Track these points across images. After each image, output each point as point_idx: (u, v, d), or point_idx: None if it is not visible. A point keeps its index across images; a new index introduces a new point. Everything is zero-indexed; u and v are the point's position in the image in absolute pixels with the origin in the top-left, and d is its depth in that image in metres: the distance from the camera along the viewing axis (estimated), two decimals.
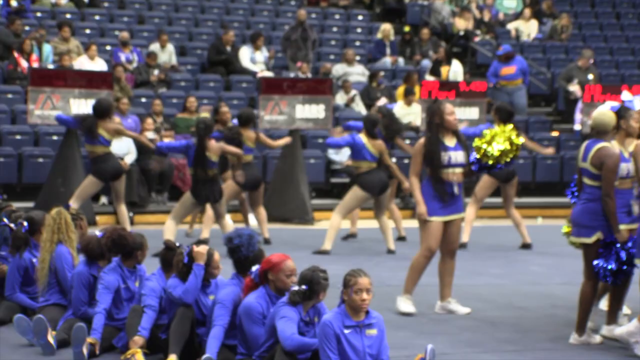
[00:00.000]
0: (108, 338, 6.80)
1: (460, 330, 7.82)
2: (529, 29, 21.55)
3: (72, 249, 7.44)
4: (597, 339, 7.38)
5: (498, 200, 17.08)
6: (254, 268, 6.38)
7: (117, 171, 11.59)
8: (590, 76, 18.00)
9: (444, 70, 18.55)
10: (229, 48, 17.92)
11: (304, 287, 6.04)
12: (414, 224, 14.27)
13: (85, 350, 6.54)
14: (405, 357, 6.50)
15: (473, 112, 15.15)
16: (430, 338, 7.18)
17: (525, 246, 12.18)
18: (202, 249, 6.64)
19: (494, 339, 7.53)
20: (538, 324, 7.99)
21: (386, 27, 19.62)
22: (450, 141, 8.12)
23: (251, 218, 13.91)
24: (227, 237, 6.64)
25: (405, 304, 8.23)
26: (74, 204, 11.28)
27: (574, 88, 18.02)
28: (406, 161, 16.30)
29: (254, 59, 17.95)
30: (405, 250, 11.99)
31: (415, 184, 8.14)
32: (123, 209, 11.75)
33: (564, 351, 7.24)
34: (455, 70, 18.69)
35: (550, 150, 12.98)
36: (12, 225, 7.82)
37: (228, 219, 12.48)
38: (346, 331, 5.84)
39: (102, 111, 11.48)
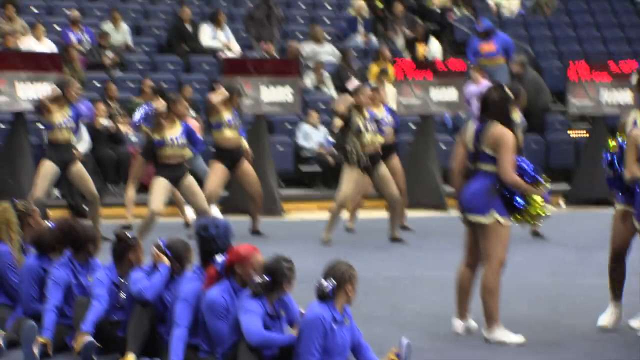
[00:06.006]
0: (60, 337, 6.81)
1: (438, 325, 7.91)
2: (510, 3, 21.70)
3: (14, 249, 7.37)
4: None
5: None
6: (219, 259, 6.41)
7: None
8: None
9: (420, 48, 18.64)
10: (189, 27, 17.91)
11: (266, 277, 6.11)
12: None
13: (36, 351, 6.56)
14: (379, 353, 6.58)
15: (451, 94, 15.26)
16: (406, 333, 7.26)
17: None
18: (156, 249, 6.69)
19: (473, 334, 7.62)
20: (521, 319, 8.08)
21: (359, 3, 19.68)
22: None
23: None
24: (202, 225, 6.64)
25: (511, 335, 7.48)
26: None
27: None
28: None
29: (215, 38, 17.94)
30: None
31: None
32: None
33: (547, 346, 7.36)
34: (433, 50, 18.79)
35: None
36: None
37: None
38: (334, 326, 6.01)
39: None
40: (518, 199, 7.37)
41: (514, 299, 8.74)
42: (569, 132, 17.98)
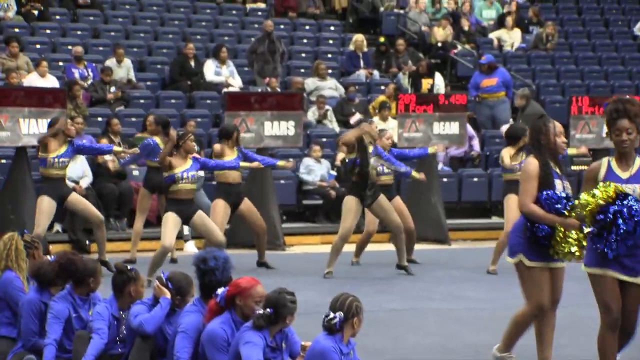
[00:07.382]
0: None
1: (439, 357, 7.87)
2: (512, 38, 21.76)
3: (22, 278, 7.42)
4: None
5: (481, 221, 17.10)
6: (220, 291, 6.39)
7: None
8: None
9: (424, 82, 18.71)
10: (192, 63, 17.98)
11: (268, 310, 6.08)
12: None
13: None
14: None
15: (453, 127, 15.27)
16: None
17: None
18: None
19: None
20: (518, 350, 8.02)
21: (358, 38, 19.77)
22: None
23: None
24: (200, 257, 6.61)
25: None
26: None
27: None
28: None
29: (219, 73, 18.01)
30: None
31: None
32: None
33: None
34: (437, 84, 18.85)
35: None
36: None
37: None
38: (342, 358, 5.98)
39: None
40: (542, 229, 6.91)
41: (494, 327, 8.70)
42: (572, 167, 17.96)
